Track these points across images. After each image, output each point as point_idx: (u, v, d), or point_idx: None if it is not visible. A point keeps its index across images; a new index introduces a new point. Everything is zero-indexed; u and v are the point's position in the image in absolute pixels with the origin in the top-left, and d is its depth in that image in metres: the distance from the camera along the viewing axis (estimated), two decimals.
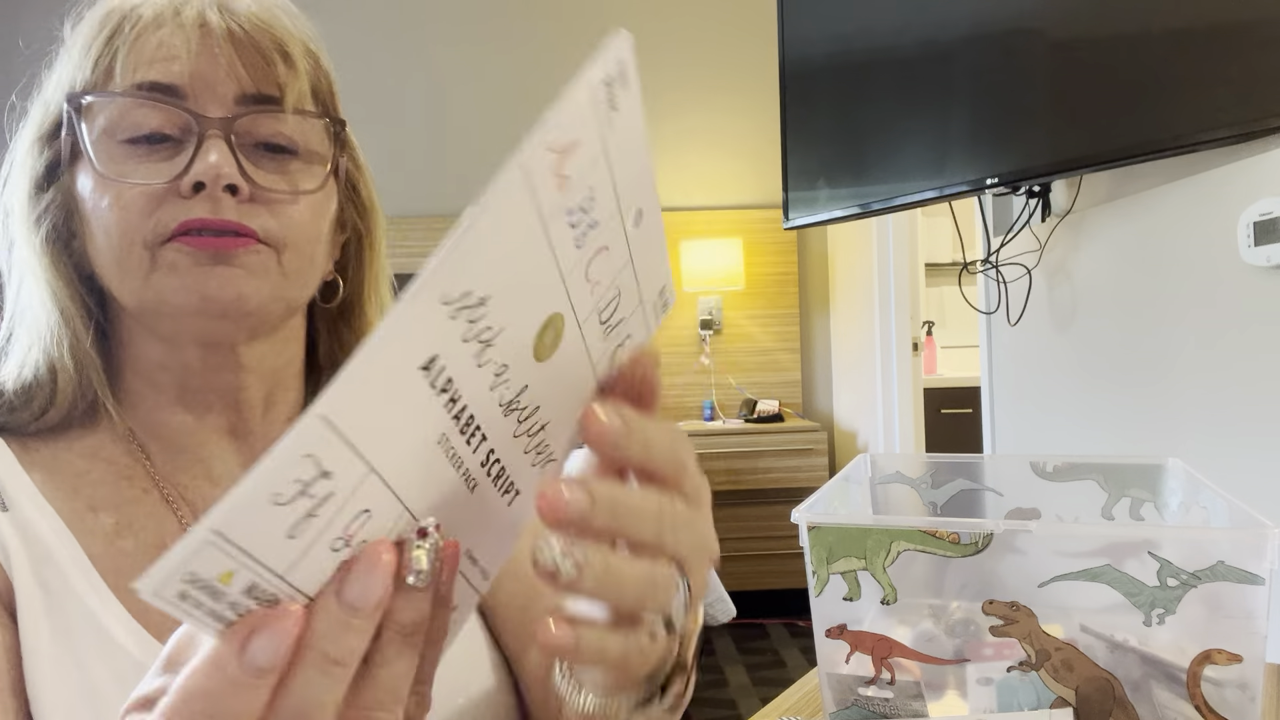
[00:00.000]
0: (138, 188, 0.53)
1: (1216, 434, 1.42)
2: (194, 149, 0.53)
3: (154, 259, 0.53)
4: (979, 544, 0.61)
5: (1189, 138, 1.31)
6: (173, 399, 0.59)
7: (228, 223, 0.53)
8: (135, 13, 0.55)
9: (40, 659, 0.51)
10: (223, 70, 0.55)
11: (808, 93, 2.09)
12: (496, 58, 3.83)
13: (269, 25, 0.56)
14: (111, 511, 0.57)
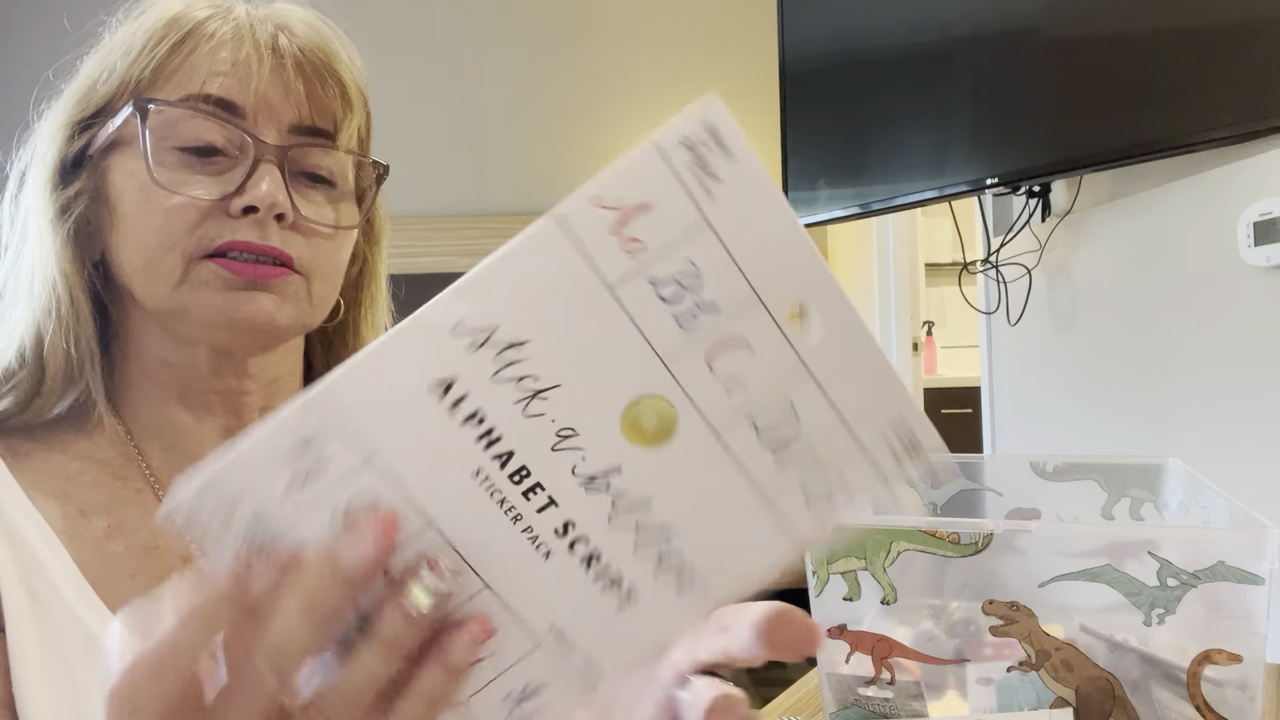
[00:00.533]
0: (188, 199, 0.54)
1: (1216, 434, 1.42)
2: (248, 171, 0.54)
3: (187, 271, 0.54)
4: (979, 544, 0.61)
5: (1189, 138, 1.31)
6: (174, 396, 0.59)
7: (270, 249, 0.54)
8: (208, 24, 0.56)
9: (29, 666, 0.51)
10: (286, 97, 0.56)
11: (808, 93, 2.09)
12: (506, 56, 3.83)
13: (331, 60, 0.58)
14: (103, 515, 0.57)
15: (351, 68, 0.60)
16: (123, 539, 0.56)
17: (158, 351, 0.58)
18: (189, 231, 0.53)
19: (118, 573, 0.55)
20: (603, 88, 3.87)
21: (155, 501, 0.58)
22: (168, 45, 0.55)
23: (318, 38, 0.58)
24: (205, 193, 0.54)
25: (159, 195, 0.54)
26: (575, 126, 3.87)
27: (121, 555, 0.56)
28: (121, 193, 0.55)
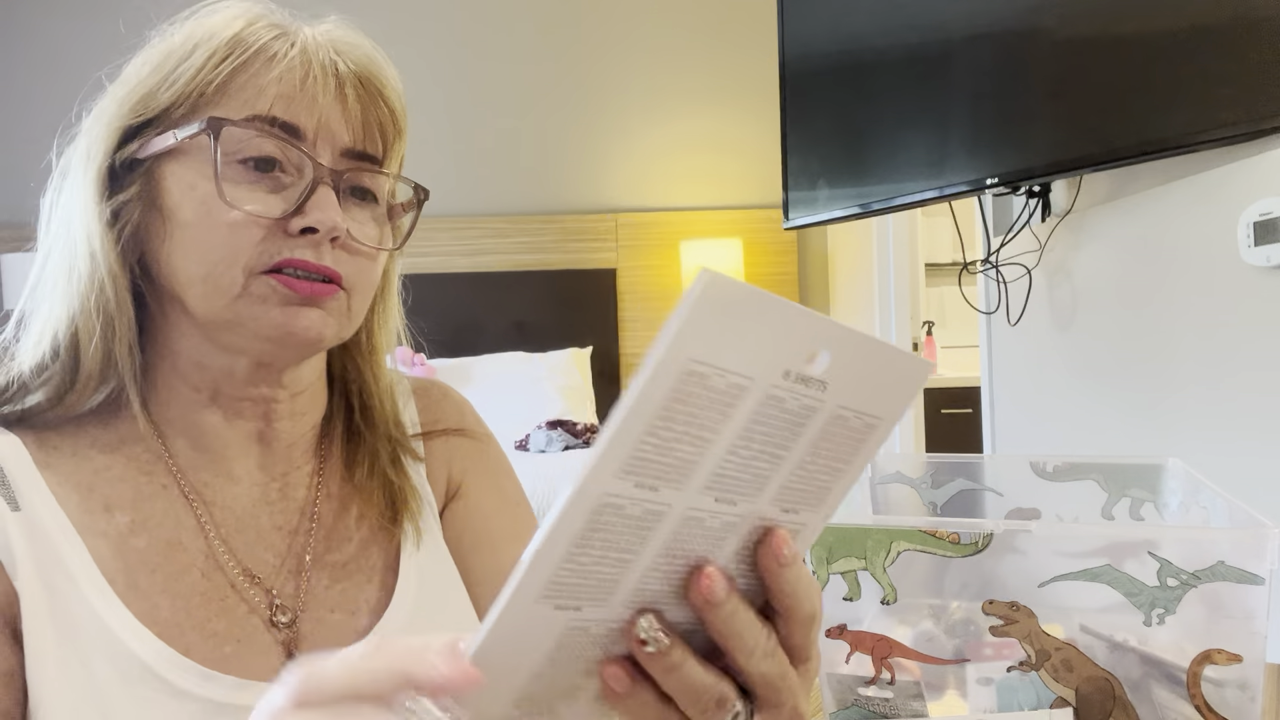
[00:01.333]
0: (251, 216, 0.55)
1: (1216, 434, 1.42)
2: (306, 191, 0.56)
3: (247, 285, 0.56)
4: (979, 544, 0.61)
5: (1189, 138, 1.31)
6: (206, 398, 0.60)
7: (325, 268, 0.57)
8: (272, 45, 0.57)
9: (46, 661, 0.51)
10: (343, 121, 0.58)
11: (808, 93, 2.09)
12: (507, 57, 3.83)
13: (383, 86, 0.61)
14: (127, 509, 0.58)
15: (397, 92, 0.62)
16: (145, 534, 0.57)
17: (194, 355, 0.59)
18: (250, 245, 0.55)
19: (138, 568, 0.56)
20: (604, 88, 3.87)
21: (180, 498, 0.60)
22: (233, 63, 0.56)
23: (371, 64, 0.61)
24: (267, 210, 0.56)
25: (222, 210, 0.55)
26: (576, 127, 3.87)
27: (143, 550, 0.57)
28: (180, 203, 0.56)
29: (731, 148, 3.88)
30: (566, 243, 3.81)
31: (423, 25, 3.80)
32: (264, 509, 0.63)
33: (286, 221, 0.56)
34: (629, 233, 3.83)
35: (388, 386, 0.70)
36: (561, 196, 3.87)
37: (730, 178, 3.90)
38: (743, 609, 0.35)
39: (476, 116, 3.83)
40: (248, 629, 0.58)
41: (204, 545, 0.59)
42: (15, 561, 0.53)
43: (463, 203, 3.80)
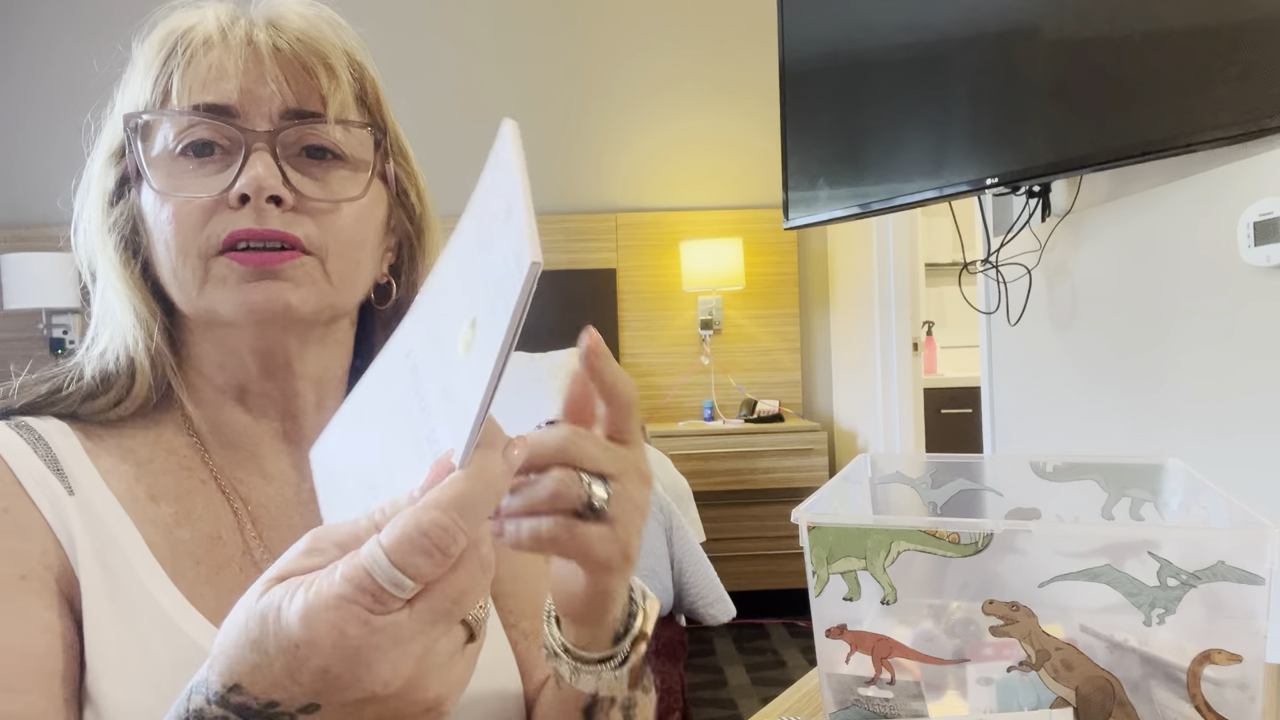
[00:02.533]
0: (191, 201, 0.55)
1: (1216, 434, 1.42)
2: (241, 163, 0.55)
3: (207, 271, 0.56)
4: (979, 544, 0.61)
5: (1189, 138, 1.31)
6: (232, 398, 0.62)
7: (272, 232, 0.55)
8: (188, 36, 0.58)
9: (104, 640, 0.52)
10: (268, 87, 0.57)
11: (808, 93, 2.09)
12: (507, 57, 3.83)
13: (313, 40, 0.59)
14: (171, 501, 0.59)
15: (337, 42, 0.60)
16: (189, 526, 0.59)
17: (212, 358, 0.61)
18: (198, 231, 0.55)
19: (184, 557, 0.57)
20: (603, 88, 3.87)
21: (219, 494, 0.61)
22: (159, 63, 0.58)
23: (300, 22, 0.59)
24: (204, 190, 0.56)
25: (168, 202, 0.56)
26: (576, 127, 3.87)
27: (188, 542, 0.58)
28: (146, 211, 0.58)
29: (731, 147, 3.88)
30: (566, 243, 3.81)
31: (422, 25, 3.79)
32: (297, 508, 0.63)
33: (226, 196, 0.55)
34: (629, 233, 3.83)
35: None
36: (561, 196, 3.87)
37: (730, 177, 3.90)
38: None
39: (476, 117, 3.83)
40: None
41: (241, 541, 0.60)
42: (74, 543, 0.54)
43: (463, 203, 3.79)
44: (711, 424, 3.60)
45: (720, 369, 3.84)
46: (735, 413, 3.79)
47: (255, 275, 0.55)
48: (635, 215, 3.84)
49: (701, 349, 3.82)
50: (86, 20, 3.68)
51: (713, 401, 3.72)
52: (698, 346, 3.83)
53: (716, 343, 3.84)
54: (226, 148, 0.57)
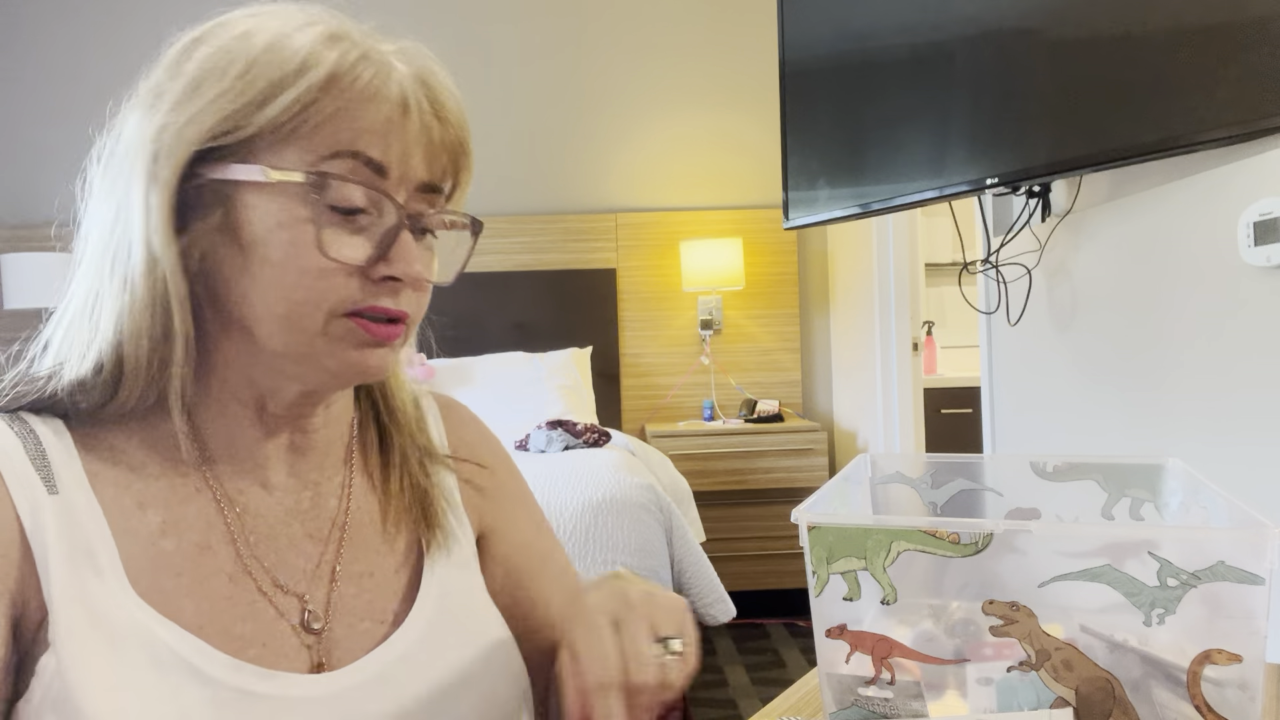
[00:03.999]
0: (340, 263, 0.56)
1: (1216, 434, 1.42)
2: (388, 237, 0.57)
3: (326, 326, 0.57)
4: (979, 544, 0.61)
5: (1189, 138, 1.31)
6: (250, 414, 0.61)
7: (401, 312, 0.59)
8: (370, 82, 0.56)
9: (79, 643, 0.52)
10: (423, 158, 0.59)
11: (808, 93, 2.09)
12: (507, 58, 3.83)
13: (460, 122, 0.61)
14: (160, 509, 0.58)
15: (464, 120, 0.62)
16: (175, 536, 0.58)
17: (246, 373, 0.60)
18: (335, 290, 0.56)
19: (163, 570, 0.56)
20: (603, 89, 3.87)
21: (213, 504, 0.60)
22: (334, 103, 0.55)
23: (448, 95, 0.61)
24: (354, 256, 0.56)
25: (314, 257, 0.55)
26: (576, 127, 3.87)
27: (170, 553, 0.57)
28: (265, 241, 0.55)
29: (731, 148, 3.88)
30: (566, 243, 3.81)
31: (422, 26, 3.79)
32: (296, 517, 0.63)
33: (370, 267, 0.57)
34: (629, 233, 3.83)
35: (407, 386, 0.72)
36: (561, 196, 3.87)
37: (730, 178, 3.90)
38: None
39: (476, 117, 3.81)
40: (275, 633, 0.59)
41: (233, 551, 0.60)
42: (47, 546, 0.53)
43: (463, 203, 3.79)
44: (711, 424, 3.60)
45: (720, 369, 3.84)
46: (735, 413, 3.79)
47: (373, 343, 0.58)
48: (635, 215, 3.84)
49: (701, 349, 3.82)
50: (88, 22, 3.68)
51: (713, 401, 3.72)
52: (698, 346, 3.83)
53: (716, 343, 3.84)
54: (370, 211, 0.57)
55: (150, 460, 0.59)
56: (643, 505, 2.34)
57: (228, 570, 0.59)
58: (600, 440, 2.94)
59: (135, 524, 0.57)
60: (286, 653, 0.59)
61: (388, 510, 0.68)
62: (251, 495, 0.62)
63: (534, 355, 3.55)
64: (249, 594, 0.59)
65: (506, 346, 3.66)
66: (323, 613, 0.61)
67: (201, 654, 0.55)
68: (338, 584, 0.63)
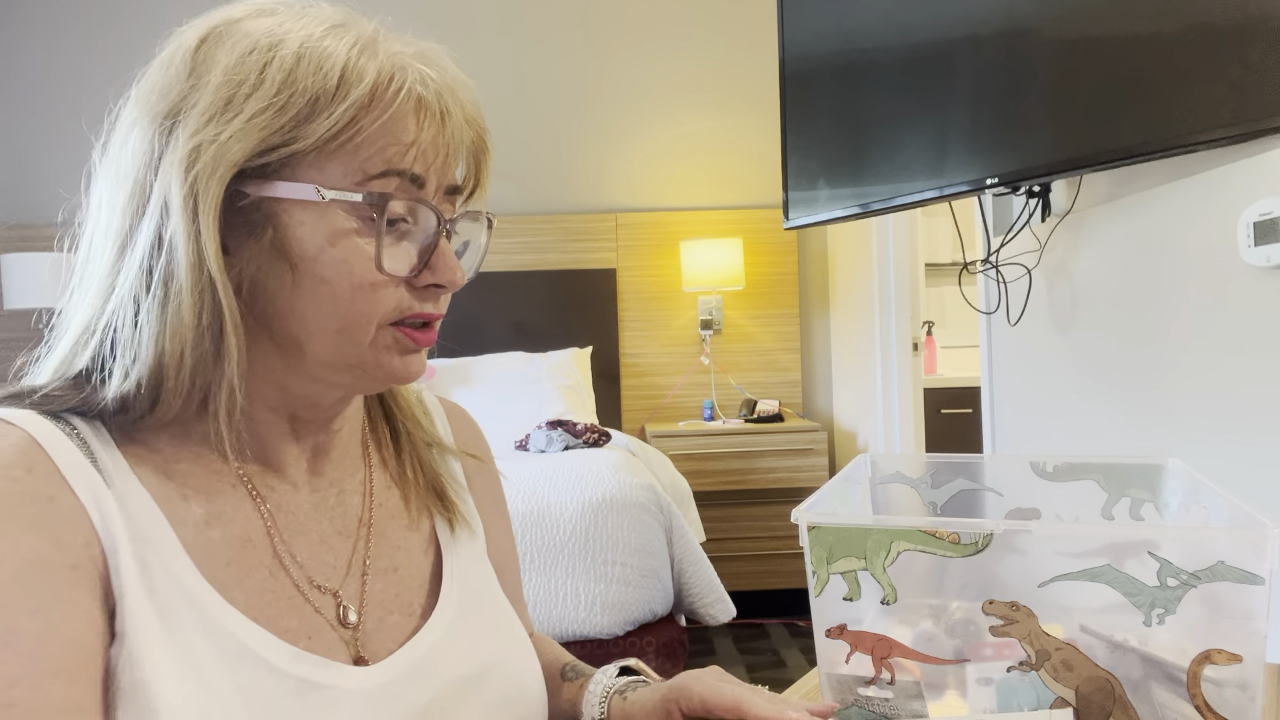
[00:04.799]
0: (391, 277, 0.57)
1: (1216, 434, 1.42)
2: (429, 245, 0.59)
3: (376, 336, 0.59)
4: (979, 544, 0.61)
5: (1189, 138, 1.31)
6: (282, 419, 0.62)
7: (440, 316, 0.61)
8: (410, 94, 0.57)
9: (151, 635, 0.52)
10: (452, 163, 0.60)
11: (808, 93, 2.09)
12: (508, 58, 3.83)
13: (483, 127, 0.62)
14: (202, 501, 0.59)
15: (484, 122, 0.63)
16: (220, 527, 0.59)
17: (281, 382, 0.61)
18: (384, 301, 0.58)
19: (215, 558, 0.57)
20: (603, 89, 3.87)
21: (248, 498, 0.61)
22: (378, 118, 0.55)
23: (473, 100, 0.62)
24: (402, 268, 0.58)
25: (369, 274, 0.57)
26: (576, 127, 3.87)
27: (219, 542, 0.58)
28: (316, 258, 0.56)
29: (732, 148, 3.88)
30: (566, 243, 3.81)
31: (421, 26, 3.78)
32: (324, 514, 0.65)
33: (415, 276, 0.59)
34: (629, 233, 3.83)
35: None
36: (561, 196, 3.87)
37: (730, 178, 3.90)
38: None
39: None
40: (316, 626, 0.60)
41: (269, 546, 0.60)
42: (114, 537, 0.53)
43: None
44: (711, 424, 3.60)
45: (720, 369, 3.84)
46: (735, 413, 3.79)
47: (415, 347, 0.60)
48: (635, 215, 3.84)
49: (701, 349, 3.82)
50: (89, 22, 3.68)
51: (713, 401, 3.72)
52: (698, 346, 3.83)
53: (716, 343, 3.84)
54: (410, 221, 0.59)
55: (183, 457, 0.59)
56: (643, 505, 2.34)
57: (267, 564, 0.60)
58: (600, 440, 2.94)
59: (183, 513, 0.57)
60: (330, 645, 0.60)
61: (406, 502, 0.70)
62: (281, 493, 0.63)
63: (534, 355, 3.56)
64: (287, 589, 0.60)
65: (506, 346, 3.66)
66: (357, 607, 0.63)
67: (265, 643, 0.56)
68: (368, 580, 0.65)
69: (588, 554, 2.25)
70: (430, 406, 0.78)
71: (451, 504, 0.72)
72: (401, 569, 0.67)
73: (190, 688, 0.51)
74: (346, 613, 0.62)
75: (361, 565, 0.65)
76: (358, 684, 0.59)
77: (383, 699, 0.60)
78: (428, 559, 0.69)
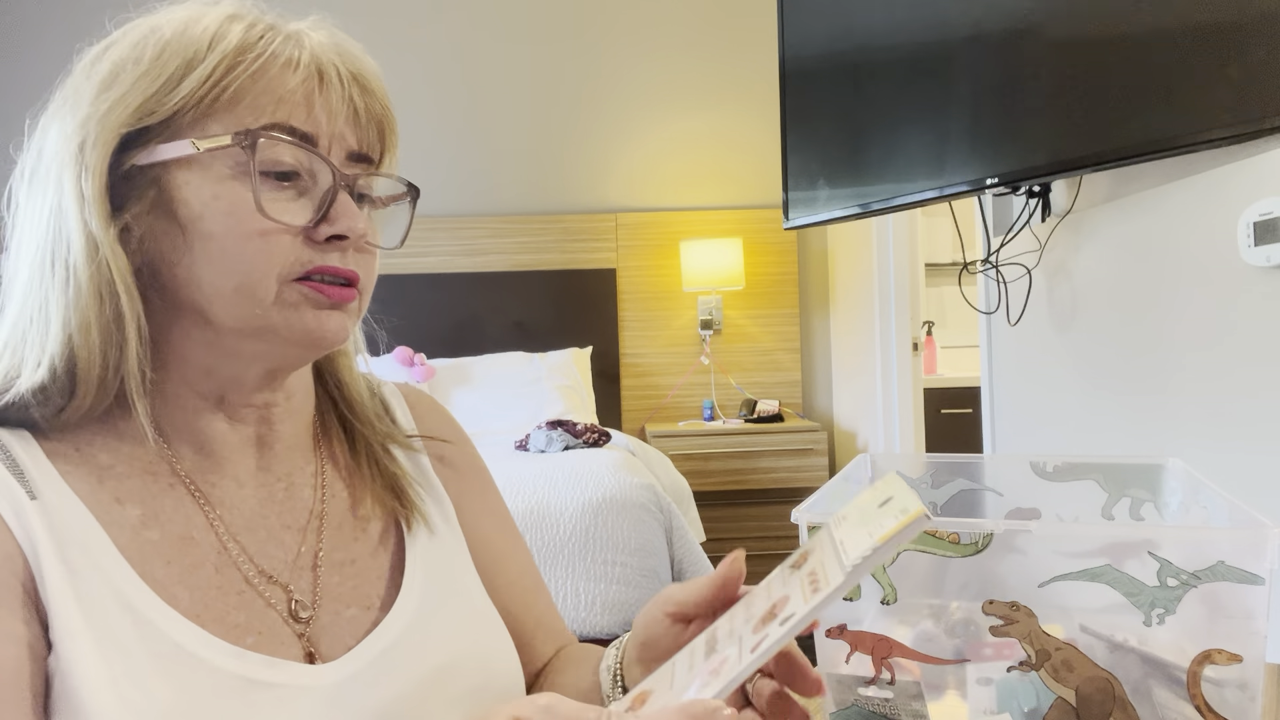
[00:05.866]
0: (282, 225, 0.56)
1: (1216, 434, 1.42)
2: (326, 199, 0.58)
3: (280, 293, 0.57)
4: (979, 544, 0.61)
5: (1189, 138, 1.31)
6: (211, 405, 0.61)
7: (351, 272, 0.60)
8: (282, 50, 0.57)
9: (81, 644, 0.51)
10: (350, 126, 0.60)
11: (808, 93, 2.09)
12: (509, 59, 3.83)
13: (377, 87, 0.62)
14: (137, 504, 0.58)
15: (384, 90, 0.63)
16: (158, 527, 0.58)
17: (204, 362, 0.60)
18: (283, 255, 0.57)
19: (154, 558, 0.57)
20: (604, 89, 3.87)
21: (188, 496, 0.60)
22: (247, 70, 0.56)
23: (365, 65, 0.62)
24: (295, 218, 0.57)
25: (255, 221, 0.56)
26: (576, 127, 3.87)
27: (157, 543, 0.57)
28: (201, 215, 0.56)
29: (731, 148, 3.88)
30: (566, 243, 3.81)
31: (422, 26, 3.80)
32: (271, 508, 0.64)
33: (314, 229, 0.58)
34: (629, 233, 3.83)
35: (360, 378, 0.73)
36: (561, 196, 3.87)
37: (730, 178, 3.90)
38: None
39: (476, 117, 3.83)
40: (267, 622, 0.59)
41: (215, 542, 0.60)
42: (37, 549, 0.53)
43: (463, 203, 3.80)
44: (711, 424, 3.60)
45: (720, 369, 3.84)
46: (735, 413, 3.79)
47: (328, 304, 0.59)
48: (635, 215, 3.84)
49: (701, 349, 3.82)
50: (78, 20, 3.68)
51: (713, 401, 3.72)
52: (698, 346, 3.83)
53: (716, 343, 3.84)
54: (305, 177, 0.58)
55: (118, 461, 0.59)
56: (643, 505, 2.34)
57: (213, 560, 0.59)
58: (600, 440, 2.94)
59: (117, 517, 0.57)
60: (282, 640, 0.59)
61: (361, 497, 0.69)
62: (224, 489, 0.62)
63: (534, 355, 3.55)
64: (236, 584, 0.59)
65: (506, 346, 3.66)
66: (309, 602, 0.62)
67: (203, 642, 0.55)
68: (321, 573, 0.63)
69: (588, 554, 2.25)
70: (389, 397, 0.76)
71: (410, 502, 0.70)
72: (359, 561, 0.66)
73: (122, 691, 0.51)
74: (298, 607, 0.61)
75: (313, 559, 0.64)
76: (309, 681, 0.57)
77: (340, 697, 0.58)
78: (388, 551, 0.68)
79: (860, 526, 0.47)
